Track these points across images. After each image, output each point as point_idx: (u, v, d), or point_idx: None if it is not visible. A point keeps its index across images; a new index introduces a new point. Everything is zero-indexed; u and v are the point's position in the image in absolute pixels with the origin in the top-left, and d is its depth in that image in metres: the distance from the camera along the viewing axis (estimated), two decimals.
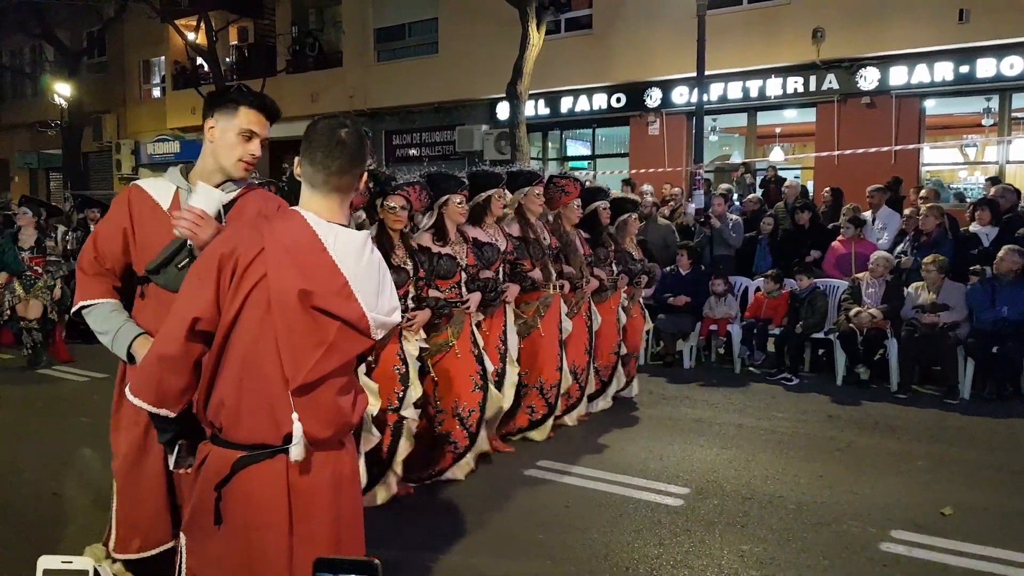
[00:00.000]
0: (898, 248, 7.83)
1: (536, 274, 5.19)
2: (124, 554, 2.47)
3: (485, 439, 4.83)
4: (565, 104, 15.30)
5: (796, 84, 12.87)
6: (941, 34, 11.48)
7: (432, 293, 4.35)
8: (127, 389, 1.97)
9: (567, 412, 5.74)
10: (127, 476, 2.49)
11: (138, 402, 1.93)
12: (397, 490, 4.29)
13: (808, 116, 13.33)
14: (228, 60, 20.25)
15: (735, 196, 10.50)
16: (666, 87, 14.00)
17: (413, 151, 17.70)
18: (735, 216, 9.10)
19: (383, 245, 4.03)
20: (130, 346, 2.38)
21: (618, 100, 14.69)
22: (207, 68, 18.58)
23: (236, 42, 20.77)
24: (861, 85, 12.30)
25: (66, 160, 21.37)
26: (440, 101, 16.64)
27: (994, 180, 9.68)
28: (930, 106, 12.43)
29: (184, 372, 1.91)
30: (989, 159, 12.86)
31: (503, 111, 14.57)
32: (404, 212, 4.11)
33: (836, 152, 12.22)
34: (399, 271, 4.06)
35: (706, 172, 11.56)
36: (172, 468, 2.08)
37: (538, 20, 12.08)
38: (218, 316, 1.88)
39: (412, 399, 4.17)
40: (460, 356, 4.55)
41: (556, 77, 14.35)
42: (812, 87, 12.75)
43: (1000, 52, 11.23)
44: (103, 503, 2.58)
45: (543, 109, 15.44)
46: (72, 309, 2.59)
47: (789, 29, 12.53)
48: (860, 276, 7.41)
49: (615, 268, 6.18)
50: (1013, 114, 11.98)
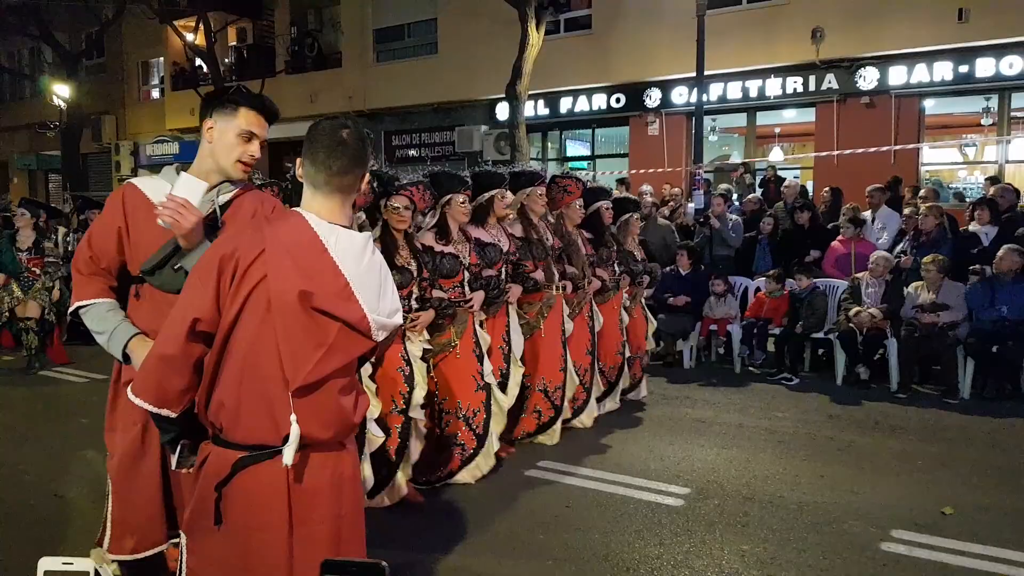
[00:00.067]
0: (898, 248, 7.83)
1: (538, 275, 5.17)
2: (118, 555, 2.46)
3: (494, 443, 4.77)
4: (565, 104, 15.31)
5: (795, 84, 12.88)
6: (940, 34, 11.49)
7: (436, 293, 4.33)
8: (129, 389, 1.97)
9: (576, 415, 5.70)
10: (123, 477, 2.48)
11: (139, 402, 1.93)
12: (407, 491, 4.27)
13: (807, 116, 13.34)
14: (227, 61, 20.25)
15: (735, 196, 10.50)
16: (665, 87, 14.01)
17: (413, 152, 17.70)
18: (735, 216, 9.10)
19: (387, 245, 4.02)
20: (126, 346, 2.38)
21: (618, 100, 14.70)
22: (206, 69, 18.58)
23: (235, 43, 20.78)
24: (860, 85, 12.32)
25: (65, 161, 21.34)
26: (439, 102, 16.64)
27: (993, 180, 9.68)
28: (929, 106, 12.44)
29: (185, 373, 1.91)
30: (988, 159, 12.87)
31: (503, 111, 14.58)
32: (408, 212, 4.10)
33: (835, 152, 12.24)
34: (403, 271, 4.04)
35: (706, 172, 11.56)
36: (174, 468, 2.08)
37: (537, 20, 12.09)
38: (218, 317, 1.88)
39: (418, 399, 4.16)
40: (460, 356, 4.53)
41: (556, 77, 14.36)
42: (811, 87, 12.77)
43: (999, 52, 11.24)
44: (104, 504, 2.57)
45: (543, 109, 15.45)
46: (69, 309, 2.59)
47: (788, 29, 12.54)
48: (860, 276, 7.41)
49: (617, 268, 6.17)
50: (1012, 113, 11.99)
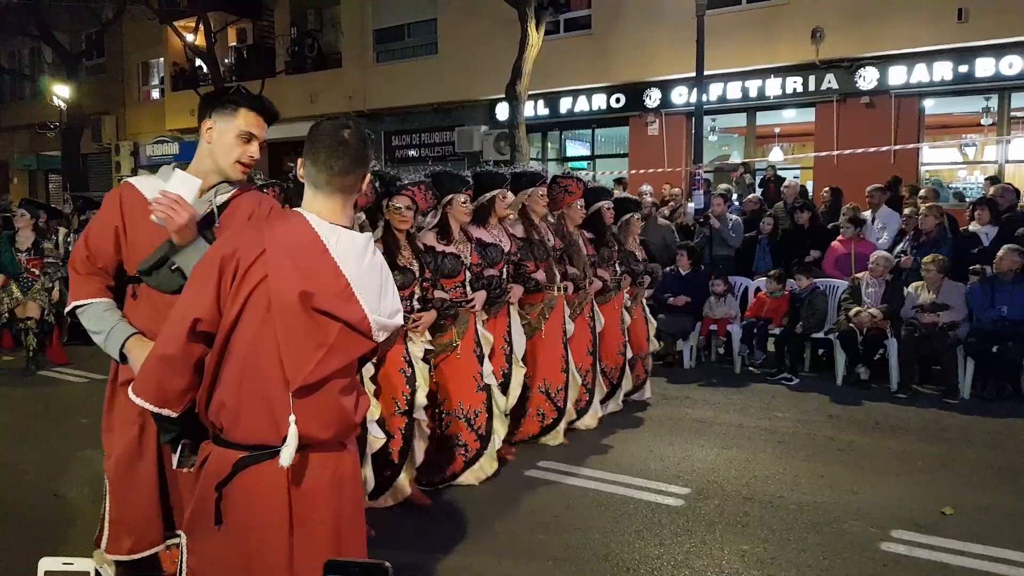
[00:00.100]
0: (898, 248, 7.83)
1: (540, 275, 5.16)
2: (115, 554, 2.46)
3: (497, 444, 4.75)
4: (564, 104, 15.31)
5: (795, 84, 12.88)
6: (940, 33, 11.49)
7: (438, 294, 4.31)
8: (130, 389, 1.97)
9: (579, 416, 5.68)
10: (120, 477, 2.47)
11: (140, 402, 1.94)
12: (411, 493, 4.26)
13: (807, 116, 13.34)
14: (227, 61, 20.26)
15: (734, 196, 10.50)
16: (665, 87, 14.01)
17: (413, 152, 17.70)
18: (735, 216, 9.10)
19: (389, 246, 4.00)
20: (123, 346, 2.37)
21: (617, 100, 14.70)
22: (206, 69, 18.58)
23: (235, 43, 20.78)
24: (860, 85, 12.32)
25: (65, 162, 21.34)
26: (439, 102, 16.64)
27: (993, 179, 9.68)
28: (929, 106, 12.44)
29: (185, 373, 1.92)
30: (988, 158, 12.87)
31: (502, 111, 14.58)
32: (410, 212, 4.09)
33: (835, 152, 12.24)
34: (405, 272, 4.03)
35: (705, 172, 11.56)
36: (175, 467, 2.08)
37: (537, 20, 12.09)
38: (219, 317, 1.89)
39: (421, 401, 4.16)
40: (461, 357, 4.52)
41: (555, 77, 14.36)
42: (811, 87, 12.77)
43: (999, 51, 11.24)
44: (102, 504, 2.57)
45: (542, 109, 15.45)
46: (66, 309, 2.58)
47: (788, 29, 12.54)
48: (860, 276, 7.41)
49: (618, 268, 6.16)
50: (1012, 113, 11.99)
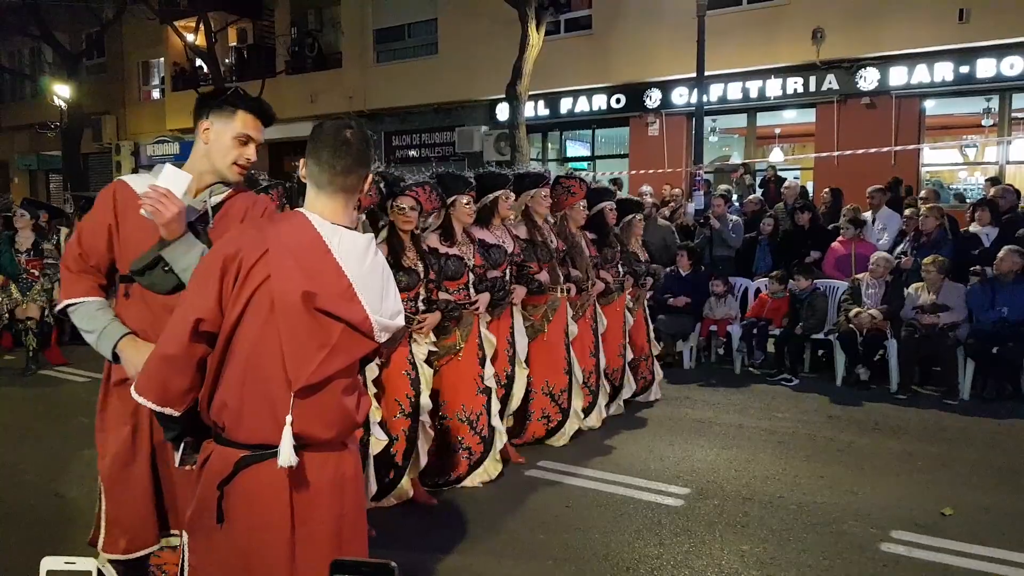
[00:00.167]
0: (898, 249, 7.83)
1: (543, 276, 5.15)
2: (112, 553, 2.47)
3: (500, 445, 4.75)
4: (565, 105, 15.31)
5: (796, 85, 12.89)
6: (941, 34, 11.50)
7: (442, 296, 4.30)
8: (132, 388, 1.98)
9: (584, 417, 5.65)
10: (114, 477, 2.47)
11: (143, 401, 1.94)
12: (415, 493, 4.26)
13: (808, 116, 13.35)
14: (227, 61, 20.25)
15: (735, 197, 10.50)
16: (666, 88, 14.01)
17: (413, 152, 17.70)
18: (735, 217, 9.10)
19: (394, 246, 3.99)
20: (116, 345, 2.36)
21: (618, 101, 14.70)
22: (206, 69, 18.58)
23: (235, 43, 20.77)
24: (861, 85, 12.32)
25: (66, 162, 21.34)
26: (440, 102, 16.65)
27: (994, 180, 9.68)
28: (930, 106, 12.44)
29: (187, 372, 1.92)
30: (989, 159, 12.87)
31: (503, 112, 14.58)
32: (414, 212, 4.06)
33: (836, 153, 12.24)
34: (410, 273, 4.02)
35: (706, 173, 11.57)
36: (177, 465, 2.08)
37: (538, 21, 12.09)
38: (221, 317, 1.89)
39: (426, 403, 4.16)
40: (462, 359, 4.51)
41: (556, 78, 14.36)
42: (812, 87, 12.78)
43: (1000, 52, 11.25)
44: (97, 503, 2.57)
45: (543, 110, 15.45)
46: (57, 307, 2.57)
47: (789, 29, 12.54)
48: (860, 277, 7.41)
49: (621, 270, 6.14)
50: (1013, 114, 11.99)
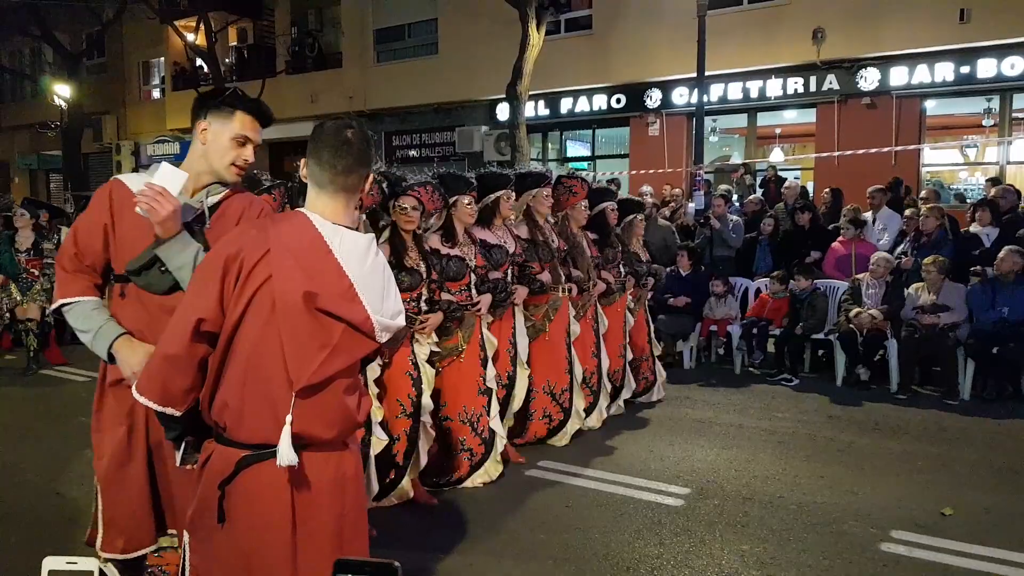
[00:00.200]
0: (898, 249, 7.83)
1: (545, 276, 5.14)
2: (110, 553, 2.47)
3: (500, 446, 4.76)
4: (565, 105, 15.31)
5: (796, 85, 12.88)
6: (942, 34, 11.49)
7: (444, 296, 4.30)
8: (134, 387, 1.98)
9: (584, 417, 5.66)
10: (111, 478, 2.46)
11: (144, 400, 1.94)
12: (416, 493, 4.25)
13: (808, 117, 13.34)
14: (227, 61, 20.25)
15: (735, 197, 10.50)
16: (666, 88, 14.01)
17: (413, 152, 17.70)
18: (735, 217, 9.10)
19: (396, 247, 3.99)
20: (111, 346, 2.35)
21: (618, 101, 14.70)
22: (207, 69, 18.58)
23: (235, 43, 20.77)
24: (861, 85, 12.32)
25: (66, 161, 21.34)
26: (440, 102, 16.65)
27: (994, 181, 9.68)
28: (931, 106, 12.44)
29: (189, 372, 1.92)
30: (989, 160, 12.86)
31: (503, 112, 14.58)
32: (416, 212, 4.05)
33: (836, 153, 12.24)
34: (412, 273, 4.01)
35: (706, 173, 11.57)
36: (178, 465, 2.08)
37: (538, 20, 12.09)
38: (222, 317, 1.89)
39: (427, 403, 4.15)
40: (465, 360, 4.51)
41: (556, 78, 14.36)
42: (812, 88, 12.77)
43: (1001, 52, 11.24)
44: (93, 503, 2.57)
45: (543, 110, 15.45)
46: (51, 307, 2.54)
47: (789, 29, 12.54)
48: (860, 277, 7.41)
49: (623, 270, 6.14)
50: (1014, 114, 11.98)
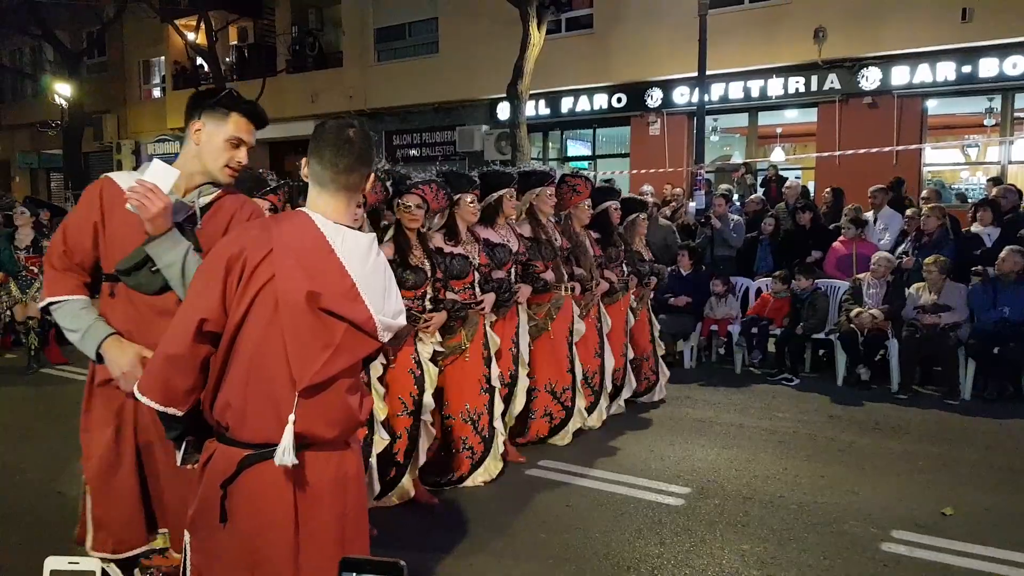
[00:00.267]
0: (899, 248, 7.83)
1: (548, 275, 5.14)
2: (100, 552, 2.46)
3: (500, 445, 4.76)
4: (566, 104, 15.29)
5: (797, 84, 12.86)
6: (943, 34, 11.47)
7: (448, 295, 4.29)
8: (135, 387, 1.97)
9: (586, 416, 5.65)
10: (100, 479, 2.45)
11: (146, 401, 1.94)
12: (416, 493, 4.25)
13: (809, 116, 13.32)
14: (228, 60, 20.25)
15: (735, 196, 10.50)
16: (667, 87, 13.99)
17: (413, 151, 17.69)
18: (736, 216, 9.10)
19: (401, 245, 3.99)
20: (100, 346, 2.33)
21: (619, 100, 14.68)
22: (207, 68, 18.58)
23: (236, 42, 20.77)
24: (863, 85, 12.30)
25: (67, 160, 21.34)
26: (440, 101, 16.63)
27: (996, 180, 9.66)
28: (932, 106, 12.42)
29: (191, 372, 1.92)
30: (991, 159, 12.84)
31: (503, 111, 14.57)
32: (420, 211, 4.05)
33: (837, 152, 12.23)
34: (417, 271, 4.01)
35: (707, 172, 11.56)
36: (179, 464, 2.08)
37: (539, 20, 12.07)
38: (225, 317, 1.89)
39: (429, 402, 4.15)
40: (469, 359, 4.50)
41: (557, 77, 14.35)
42: (813, 87, 12.75)
43: (1003, 52, 11.22)
44: (81, 502, 2.56)
45: (544, 109, 15.43)
46: (39, 304, 2.52)
47: (790, 29, 12.52)
48: (861, 277, 7.40)
49: (625, 269, 6.13)
50: (1015, 114, 11.95)
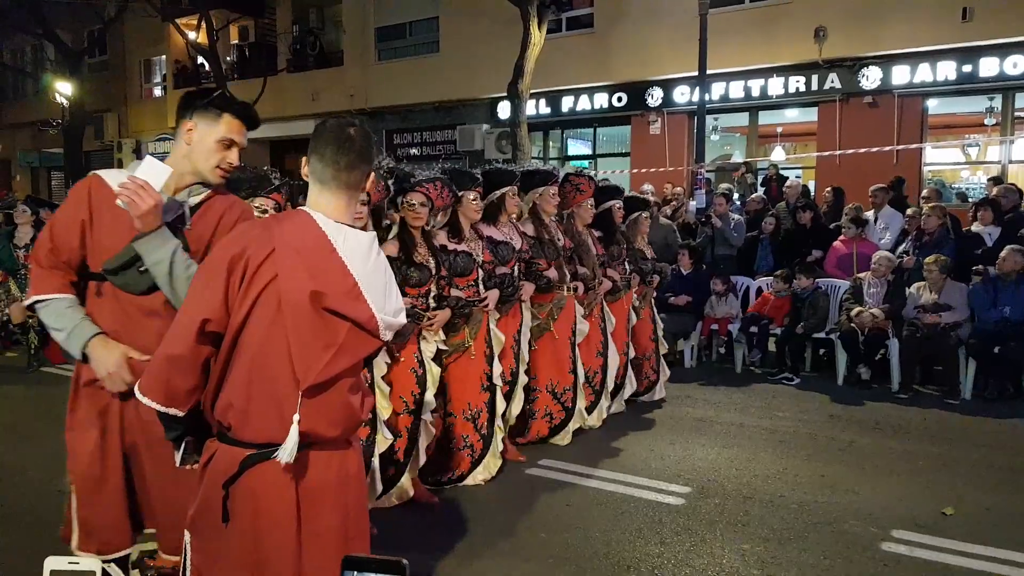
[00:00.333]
0: (900, 248, 7.83)
1: (552, 273, 5.13)
2: (86, 553, 2.44)
3: (499, 443, 4.75)
4: (566, 103, 15.28)
5: (798, 83, 12.85)
6: (944, 33, 11.46)
7: (453, 292, 4.29)
8: (136, 387, 1.98)
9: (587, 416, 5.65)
10: (86, 479, 2.43)
11: (147, 401, 1.94)
12: (416, 492, 4.25)
13: (810, 115, 13.31)
14: (229, 59, 20.25)
15: (736, 196, 10.49)
16: (667, 86, 13.99)
17: (414, 150, 17.68)
18: (736, 216, 9.10)
19: (405, 243, 3.99)
20: (85, 345, 2.31)
21: (619, 99, 14.67)
22: (208, 67, 18.58)
23: (237, 41, 20.77)
24: (863, 84, 12.28)
25: (67, 159, 21.33)
26: (441, 100, 16.63)
27: (996, 180, 9.65)
28: (932, 105, 12.40)
29: (193, 373, 1.92)
30: (991, 159, 12.83)
31: (504, 110, 14.56)
32: (424, 209, 4.05)
33: (838, 152, 12.22)
34: (421, 269, 4.01)
35: (707, 171, 11.56)
36: (178, 465, 2.08)
37: (539, 19, 12.06)
38: (227, 317, 1.89)
39: (430, 401, 4.15)
40: (474, 357, 4.50)
41: (557, 76, 14.34)
42: (814, 86, 12.74)
43: (1003, 51, 11.20)
44: (66, 502, 2.55)
45: (544, 108, 15.42)
46: (25, 302, 2.49)
47: (791, 28, 12.51)
48: (862, 276, 7.40)
49: (628, 267, 6.13)
50: (1016, 113, 11.94)
